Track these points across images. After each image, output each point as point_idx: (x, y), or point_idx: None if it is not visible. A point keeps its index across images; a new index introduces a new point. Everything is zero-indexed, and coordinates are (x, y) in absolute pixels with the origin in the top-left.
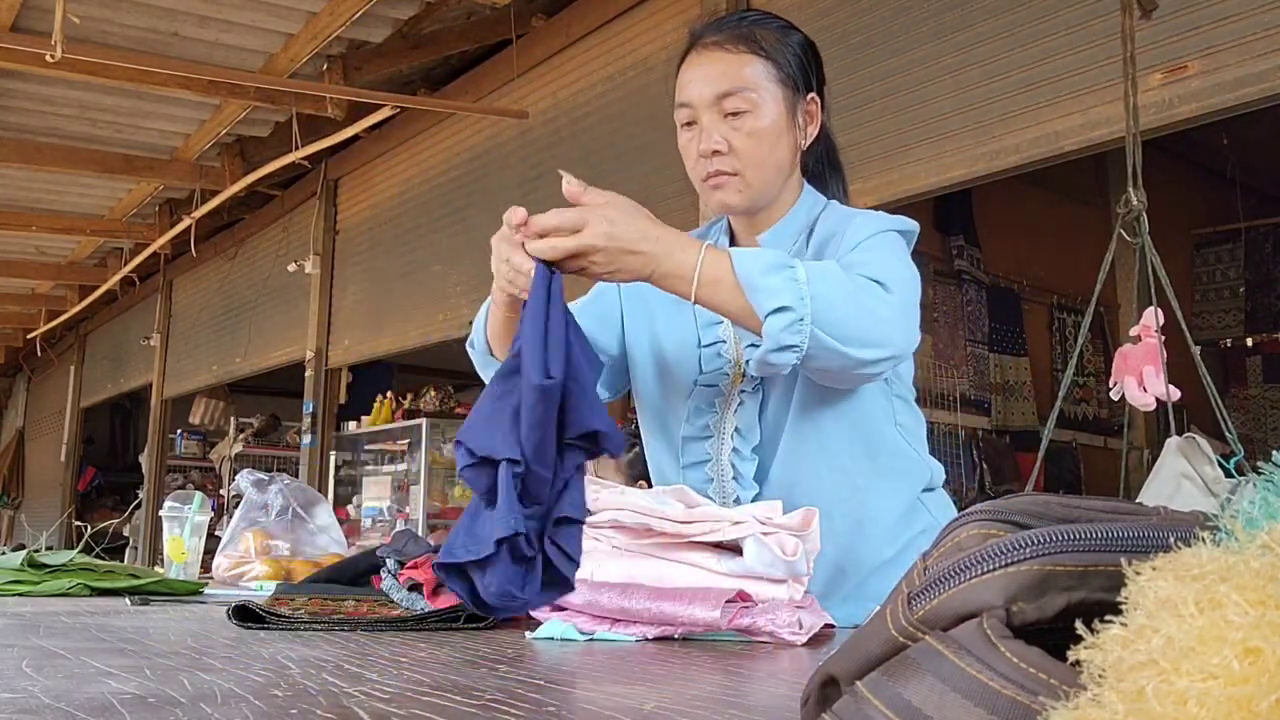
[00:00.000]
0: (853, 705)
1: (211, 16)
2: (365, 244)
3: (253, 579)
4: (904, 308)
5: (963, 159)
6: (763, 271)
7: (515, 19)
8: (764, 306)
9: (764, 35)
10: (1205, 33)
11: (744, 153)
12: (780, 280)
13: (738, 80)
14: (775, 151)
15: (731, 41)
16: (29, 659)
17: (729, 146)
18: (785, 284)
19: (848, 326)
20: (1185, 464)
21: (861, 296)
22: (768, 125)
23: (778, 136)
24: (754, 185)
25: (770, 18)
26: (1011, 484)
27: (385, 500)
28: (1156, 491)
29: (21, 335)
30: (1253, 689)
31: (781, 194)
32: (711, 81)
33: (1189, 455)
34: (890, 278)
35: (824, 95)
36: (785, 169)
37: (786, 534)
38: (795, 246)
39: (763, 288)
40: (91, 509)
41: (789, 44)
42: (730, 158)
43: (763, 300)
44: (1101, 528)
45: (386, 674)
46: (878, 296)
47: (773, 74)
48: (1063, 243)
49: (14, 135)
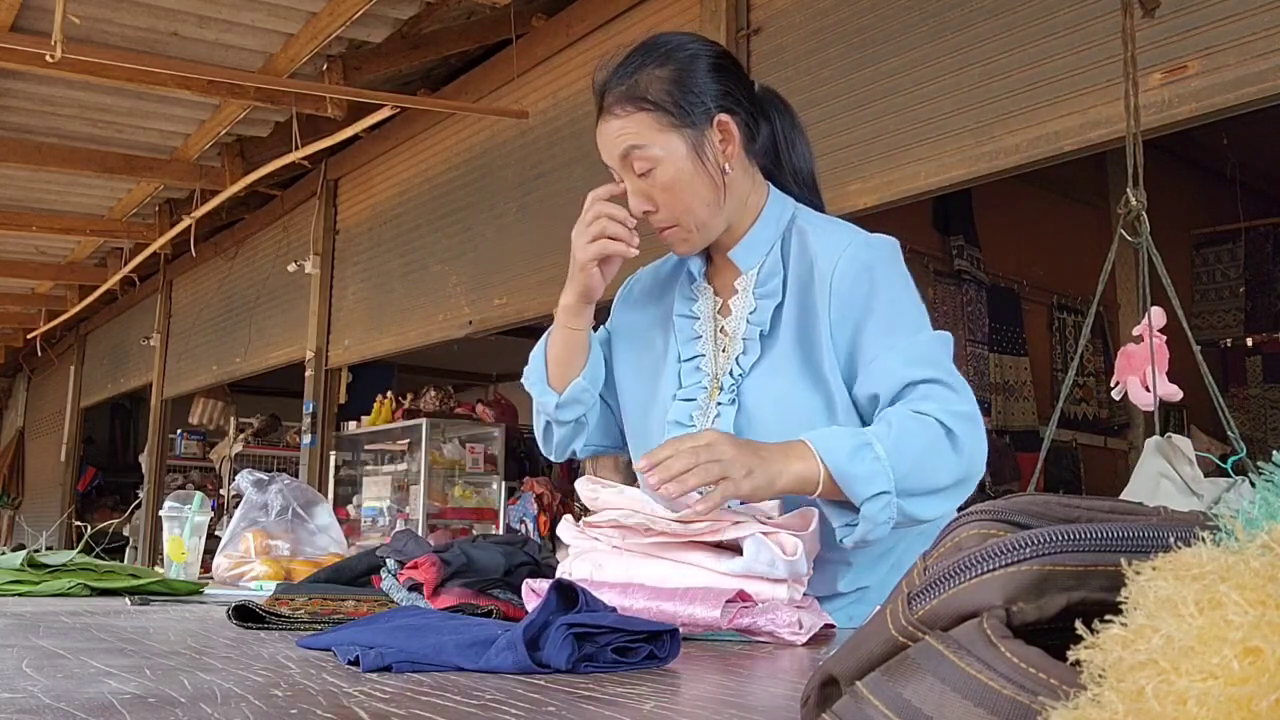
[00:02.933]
0: (853, 705)
1: (211, 16)
2: (365, 244)
3: (253, 579)
4: (975, 423)
5: (963, 159)
6: (849, 458)
7: (515, 19)
8: (861, 494)
9: (649, 82)
10: (1205, 33)
11: (666, 205)
12: (867, 464)
13: (632, 140)
14: (694, 192)
15: (619, 103)
16: (29, 659)
17: (654, 204)
18: (873, 466)
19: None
20: (1164, 464)
21: (937, 460)
22: (673, 175)
23: (691, 178)
24: (692, 228)
25: (656, 49)
26: (1011, 484)
27: (385, 500)
28: (1135, 490)
29: (21, 335)
30: (1252, 689)
31: (738, 213)
32: (611, 147)
33: (1168, 455)
34: (947, 370)
35: (744, 100)
36: (715, 199)
37: (786, 534)
38: (770, 255)
39: (856, 475)
40: (91, 509)
41: (679, 80)
42: (660, 213)
43: (860, 489)
44: (1101, 528)
45: (386, 674)
46: (948, 448)
47: (662, 122)
48: (1063, 243)
49: (14, 135)
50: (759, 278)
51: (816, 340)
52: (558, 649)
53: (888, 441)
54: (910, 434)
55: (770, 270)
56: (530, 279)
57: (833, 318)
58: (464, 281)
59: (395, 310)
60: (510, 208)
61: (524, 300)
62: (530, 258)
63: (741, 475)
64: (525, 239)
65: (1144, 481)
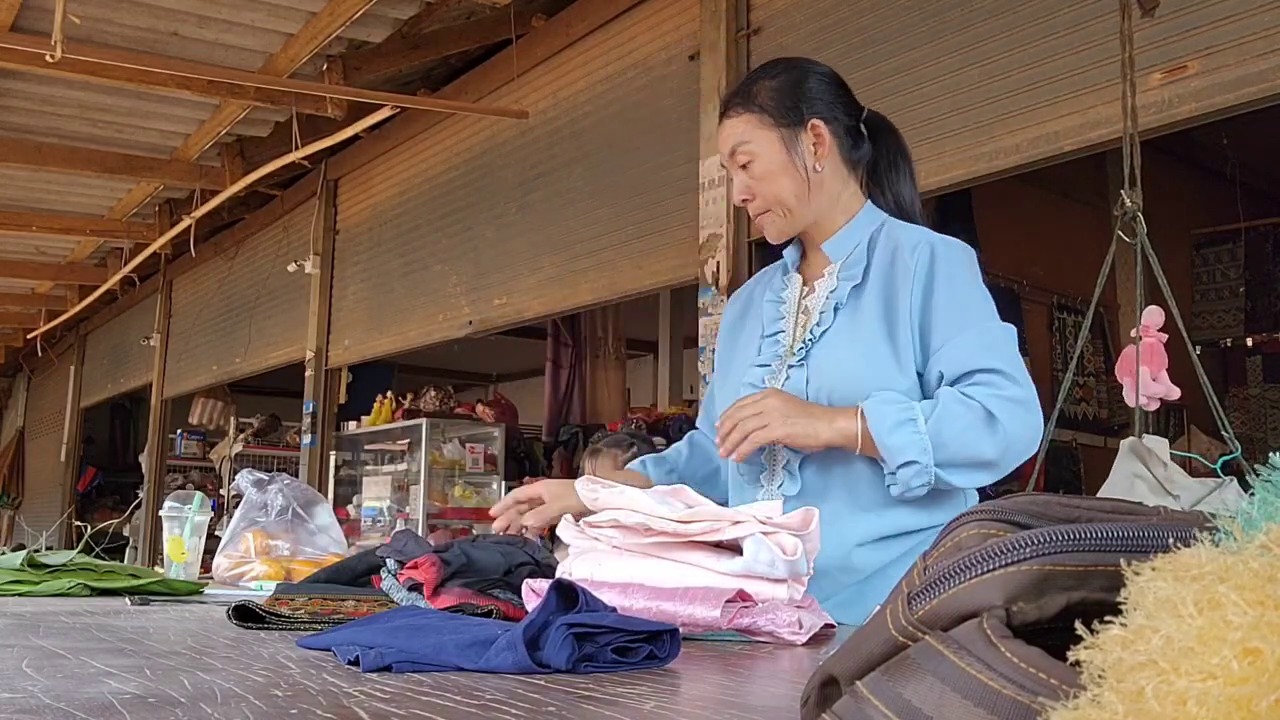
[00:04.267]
0: (853, 705)
1: (211, 16)
2: (365, 244)
3: (253, 579)
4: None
5: (963, 159)
6: (890, 430)
7: (515, 19)
8: (894, 462)
9: (760, 90)
10: (1205, 33)
11: (761, 193)
12: (907, 436)
13: (736, 138)
14: (785, 182)
15: (733, 108)
16: (29, 659)
17: (751, 193)
18: (912, 439)
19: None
20: (1138, 465)
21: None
22: (766, 166)
23: (782, 170)
24: (782, 214)
25: (775, 69)
26: (1011, 484)
27: (385, 500)
28: (1111, 491)
29: (21, 335)
30: (1252, 689)
31: (828, 212)
32: (724, 145)
33: (1142, 457)
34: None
35: (842, 114)
36: (803, 193)
37: (786, 534)
38: (856, 250)
39: (894, 446)
40: (91, 509)
41: (785, 90)
42: (756, 201)
43: (893, 457)
44: (1101, 528)
45: (386, 674)
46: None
47: (765, 121)
48: (1062, 243)
49: (14, 135)
50: (845, 264)
51: (897, 313)
52: (558, 649)
53: (930, 417)
54: (953, 414)
55: (856, 258)
56: (530, 279)
57: (914, 295)
58: (464, 281)
59: (395, 310)
60: (510, 208)
61: (524, 300)
62: (530, 258)
63: (779, 421)
64: (525, 239)
65: (1119, 482)
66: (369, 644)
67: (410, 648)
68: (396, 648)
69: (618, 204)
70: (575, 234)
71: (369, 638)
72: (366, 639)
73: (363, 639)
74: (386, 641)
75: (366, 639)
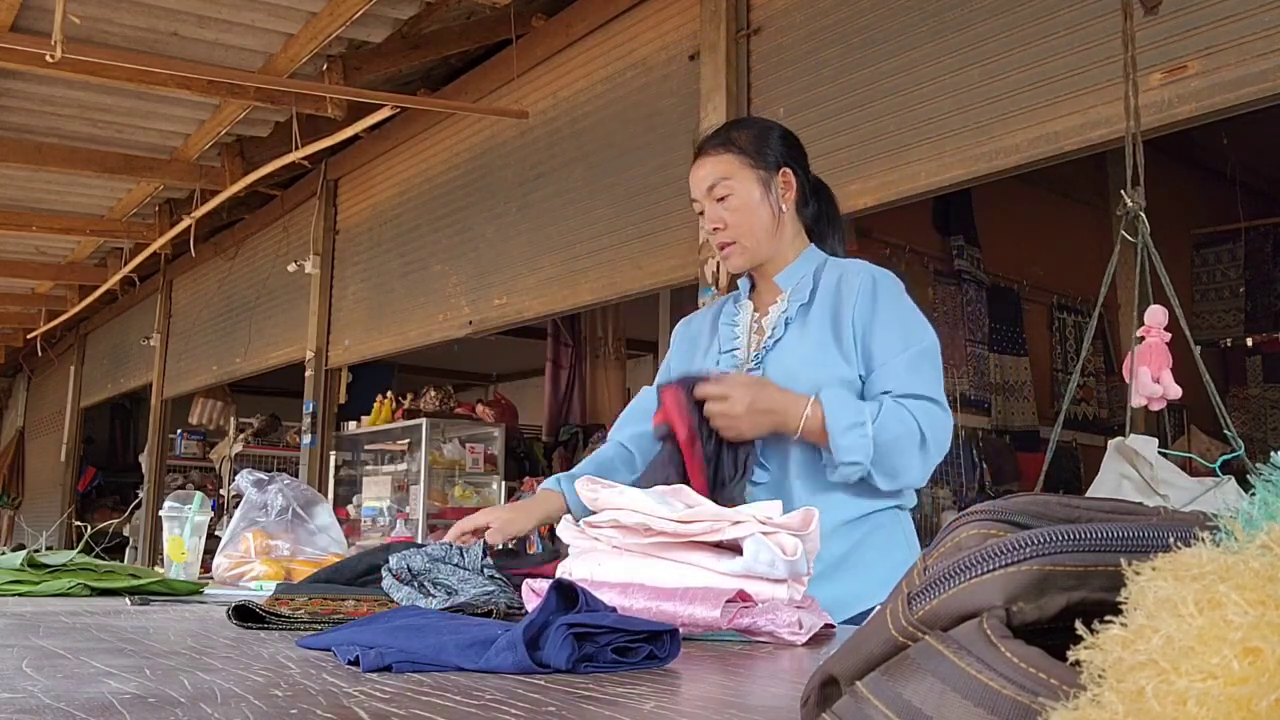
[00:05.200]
0: (853, 705)
1: (211, 16)
2: (365, 244)
3: (253, 579)
4: (939, 443)
5: (963, 159)
6: (844, 431)
7: (515, 19)
8: (841, 458)
9: (738, 136)
10: (1205, 33)
11: (733, 224)
12: (855, 439)
13: (719, 174)
14: (757, 218)
15: (713, 147)
16: (29, 659)
17: (724, 223)
18: (858, 442)
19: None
20: (1125, 465)
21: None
22: (744, 201)
23: (757, 206)
24: (748, 246)
25: (747, 122)
26: (1011, 484)
27: (385, 500)
28: (1098, 490)
29: (21, 335)
30: (1252, 689)
31: (783, 249)
32: (702, 180)
33: (1129, 457)
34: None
35: (802, 170)
36: (770, 229)
37: (786, 534)
38: (803, 280)
39: (843, 446)
40: (91, 509)
41: (759, 138)
42: (726, 231)
43: (841, 455)
44: (1101, 528)
45: (386, 674)
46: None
47: (745, 162)
48: (1063, 243)
49: (14, 135)
50: (794, 289)
51: (841, 323)
52: (558, 649)
53: (875, 423)
54: (893, 431)
55: (803, 284)
56: (530, 279)
57: (858, 309)
58: (464, 281)
59: (395, 310)
60: (510, 208)
61: (524, 300)
62: (530, 257)
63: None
64: (525, 239)
65: (1106, 481)
66: (369, 644)
67: (410, 648)
68: (396, 648)
69: (618, 204)
70: (575, 234)
71: (369, 638)
72: (366, 639)
73: (363, 639)
74: (386, 641)
75: (366, 639)
